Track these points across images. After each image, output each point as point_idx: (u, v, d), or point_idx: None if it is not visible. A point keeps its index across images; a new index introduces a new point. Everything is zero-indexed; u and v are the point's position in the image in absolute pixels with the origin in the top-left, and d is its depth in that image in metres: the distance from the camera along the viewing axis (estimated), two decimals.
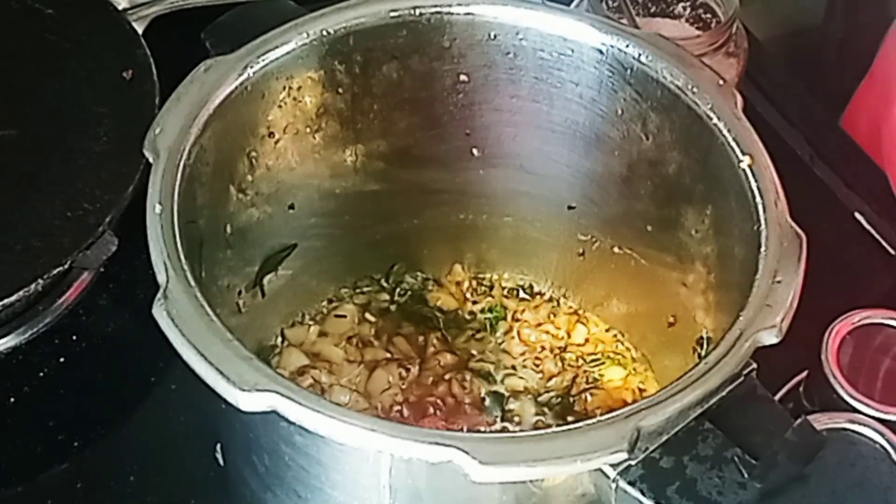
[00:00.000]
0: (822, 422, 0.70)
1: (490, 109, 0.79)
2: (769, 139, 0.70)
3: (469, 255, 0.87)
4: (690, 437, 0.59)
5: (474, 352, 0.83)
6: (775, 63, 1.05)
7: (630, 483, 0.58)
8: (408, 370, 0.81)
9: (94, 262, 0.79)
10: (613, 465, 0.58)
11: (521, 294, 0.86)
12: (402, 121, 0.79)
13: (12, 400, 0.83)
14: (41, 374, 0.84)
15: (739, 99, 0.71)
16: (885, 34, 0.97)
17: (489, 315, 0.85)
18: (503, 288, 0.87)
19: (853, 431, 0.71)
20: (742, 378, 0.61)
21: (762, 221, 0.66)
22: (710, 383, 0.60)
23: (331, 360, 0.82)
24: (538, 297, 0.86)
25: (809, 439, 0.60)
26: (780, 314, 0.62)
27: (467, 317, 0.85)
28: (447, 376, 0.81)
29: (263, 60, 0.72)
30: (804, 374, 0.79)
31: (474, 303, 0.86)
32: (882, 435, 0.71)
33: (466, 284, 0.87)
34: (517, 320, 0.85)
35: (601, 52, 0.74)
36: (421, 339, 0.83)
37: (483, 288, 0.87)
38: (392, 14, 0.75)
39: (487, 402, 0.80)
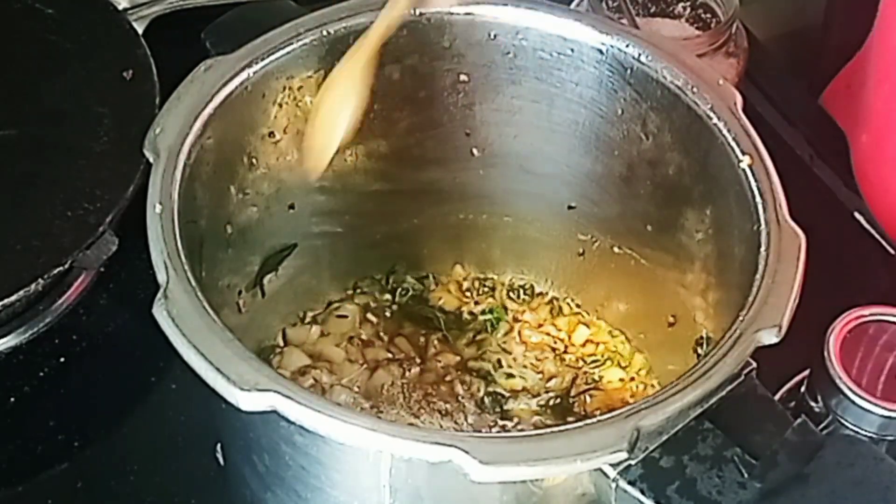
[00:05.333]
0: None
1: (490, 109, 0.79)
2: (769, 139, 0.70)
3: (469, 256, 0.87)
4: (690, 437, 0.59)
5: (475, 352, 0.83)
6: (775, 63, 1.05)
7: (630, 483, 0.58)
8: (409, 370, 0.81)
9: (94, 262, 0.79)
10: (613, 465, 0.58)
11: (522, 294, 0.86)
12: (402, 121, 0.79)
13: (12, 400, 0.83)
14: (41, 374, 0.84)
15: (739, 99, 0.71)
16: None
17: (490, 316, 0.85)
18: (504, 288, 0.87)
19: None
20: (742, 378, 0.61)
21: (762, 221, 0.66)
22: (710, 383, 0.60)
23: (332, 360, 0.82)
24: (538, 297, 0.86)
25: (809, 439, 0.60)
26: (780, 314, 0.62)
27: (468, 317, 0.85)
28: (448, 376, 0.81)
29: (263, 60, 0.72)
30: (805, 373, 0.79)
31: (475, 303, 0.86)
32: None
33: (467, 285, 0.87)
34: (517, 321, 0.85)
35: (601, 52, 0.74)
36: (422, 339, 0.84)
37: (484, 288, 0.87)
38: None
39: (487, 402, 0.80)
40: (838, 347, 0.74)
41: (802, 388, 0.78)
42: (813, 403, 0.76)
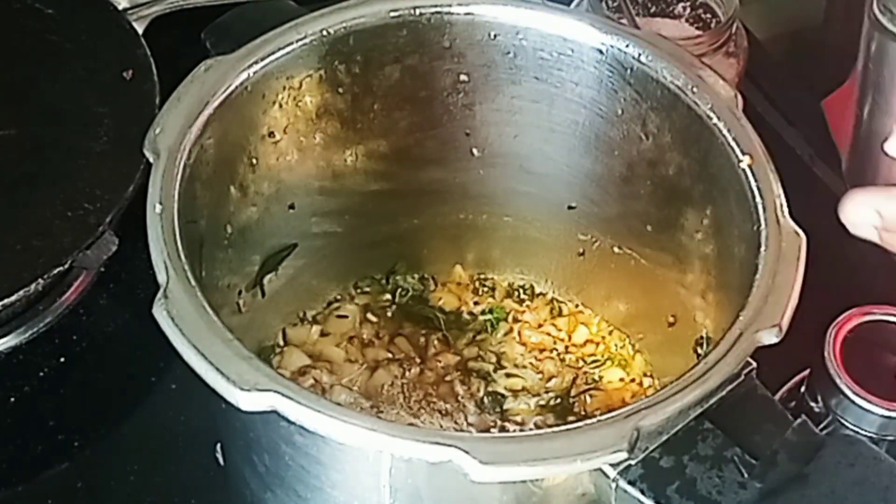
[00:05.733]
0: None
1: (490, 109, 0.79)
2: (769, 139, 0.70)
3: (469, 256, 0.87)
4: (690, 437, 0.59)
5: (475, 352, 0.83)
6: (775, 63, 1.05)
7: (630, 483, 0.58)
8: (409, 370, 0.81)
9: (94, 262, 0.79)
10: (613, 465, 0.58)
11: (522, 294, 0.86)
12: (402, 121, 0.79)
13: (12, 400, 0.83)
14: (41, 374, 0.84)
15: (739, 99, 0.71)
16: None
17: (490, 316, 0.85)
18: (504, 288, 0.87)
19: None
20: (742, 378, 0.61)
21: (762, 221, 0.66)
22: (710, 383, 0.60)
23: (332, 360, 0.82)
24: (538, 297, 0.86)
25: (809, 439, 0.60)
26: (780, 314, 0.62)
27: (468, 317, 0.85)
28: (448, 376, 0.81)
29: (263, 60, 0.72)
30: (805, 373, 0.79)
31: (475, 303, 0.86)
32: None
33: (467, 285, 0.87)
34: (517, 321, 0.85)
35: (601, 52, 0.74)
36: (422, 339, 0.84)
37: (484, 289, 0.87)
38: (392, 14, 0.75)
39: (487, 402, 0.80)
40: (838, 347, 0.74)
41: (802, 388, 0.78)
42: (813, 403, 0.76)
